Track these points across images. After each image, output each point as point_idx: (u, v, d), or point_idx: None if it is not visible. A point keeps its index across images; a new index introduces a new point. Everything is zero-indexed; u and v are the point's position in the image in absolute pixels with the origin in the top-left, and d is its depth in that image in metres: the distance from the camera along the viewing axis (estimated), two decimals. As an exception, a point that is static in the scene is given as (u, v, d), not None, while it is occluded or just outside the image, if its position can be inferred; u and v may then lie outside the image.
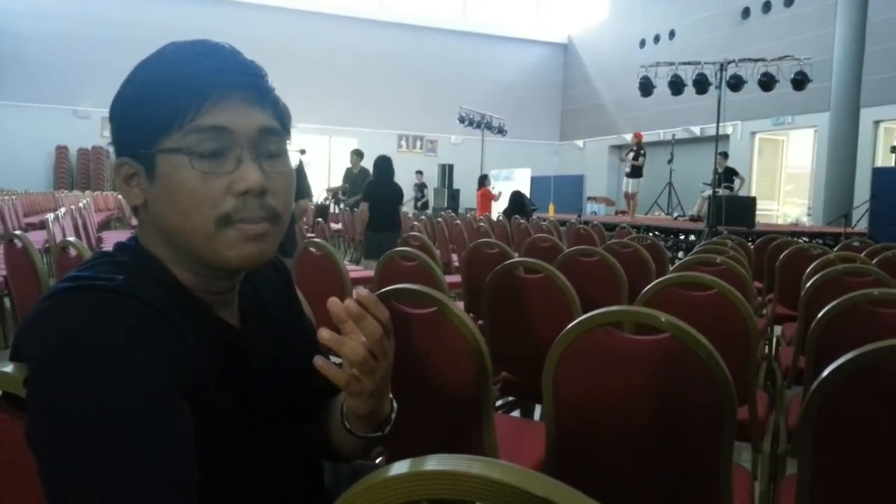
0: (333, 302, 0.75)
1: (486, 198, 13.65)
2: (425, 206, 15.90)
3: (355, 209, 9.73)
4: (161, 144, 0.74)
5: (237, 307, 0.87)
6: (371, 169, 9.87)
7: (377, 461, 1.58)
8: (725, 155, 12.06)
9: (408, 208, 14.70)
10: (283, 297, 0.98)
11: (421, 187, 16.40)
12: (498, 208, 13.86)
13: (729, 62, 10.35)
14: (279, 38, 18.02)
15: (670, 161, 14.21)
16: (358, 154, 9.81)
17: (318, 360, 0.77)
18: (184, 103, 0.73)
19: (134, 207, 0.80)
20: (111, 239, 4.91)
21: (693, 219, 12.60)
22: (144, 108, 0.75)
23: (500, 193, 14.15)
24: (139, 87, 0.77)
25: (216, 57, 0.77)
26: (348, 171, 10.09)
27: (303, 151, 12.92)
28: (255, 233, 0.77)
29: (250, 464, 0.82)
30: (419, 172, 16.82)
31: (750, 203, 10.85)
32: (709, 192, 12.46)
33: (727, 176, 11.76)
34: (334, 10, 20.25)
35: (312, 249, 2.77)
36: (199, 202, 0.74)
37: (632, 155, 12.35)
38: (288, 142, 0.83)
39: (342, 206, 10.77)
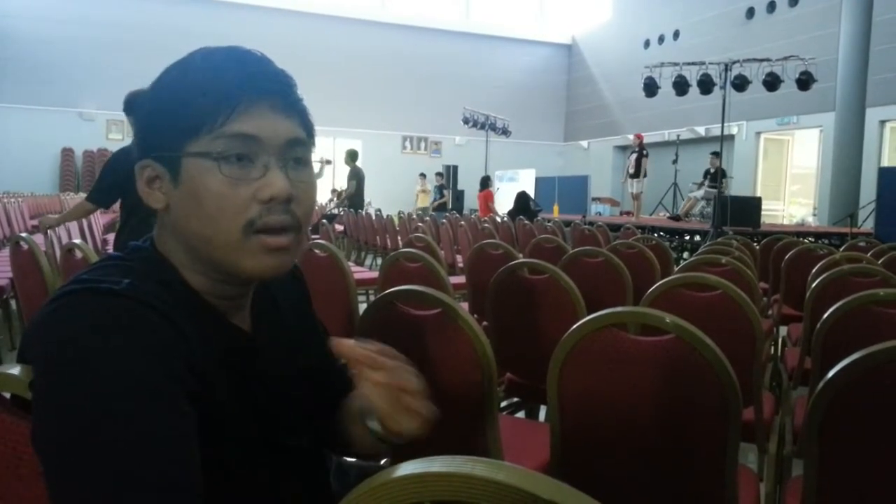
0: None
1: (488, 200, 13.64)
2: (443, 206, 15.73)
3: (353, 209, 9.79)
4: (188, 148, 0.74)
5: (250, 312, 0.87)
6: (361, 168, 9.95)
7: (382, 462, 1.58)
8: (718, 154, 12.08)
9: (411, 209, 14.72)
10: (298, 303, 0.98)
11: (440, 189, 16.33)
12: (501, 210, 13.84)
13: (733, 62, 10.34)
14: (282, 41, 18.03)
15: (675, 161, 14.19)
16: (351, 155, 9.84)
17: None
18: (214, 108, 0.73)
19: (155, 210, 0.80)
20: (117, 241, 4.94)
21: (675, 218, 12.61)
22: (173, 111, 0.75)
23: (497, 189, 14.17)
24: (168, 90, 0.77)
25: (248, 64, 0.77)
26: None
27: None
28: (278, 245, 0.77)
29: (256, 467, 0.82)
30: (439, 174, 16.79)
31: (755, 203, 10.83)
32: (697, 192, 12.52)
33: (718, 176, 11.75)
34: (337, 11, 20.29)
35: (317, 251, 2.78)
36: (224, 208, 0.74)
37: (634, 156, 12.34)
38: (313, 152, 0.83)
39: (341, 207, 10.79)
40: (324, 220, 6.77)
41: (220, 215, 0.74)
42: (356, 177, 9.80)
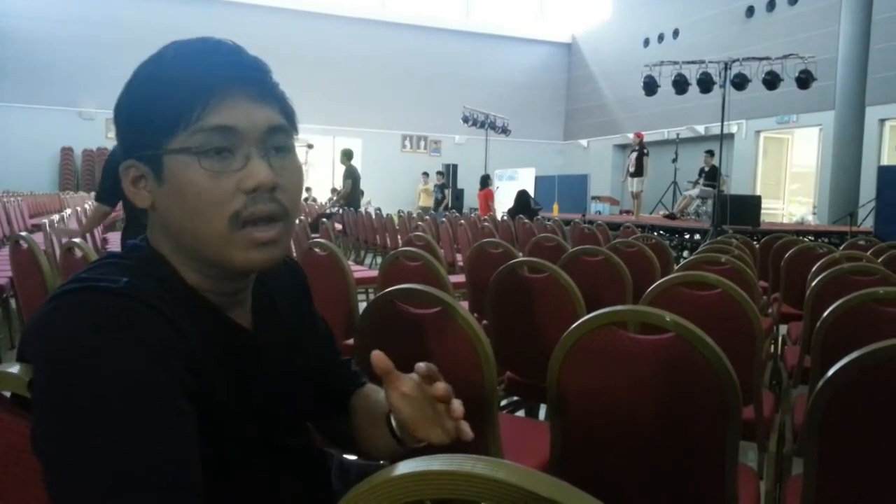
0: (378, 356, 0.83)
1: (488, 199, 13.64)
2: (445, 206, 15.67)
3: (352, 209, 9.82)
4: (168, 145, 0.74)
5: (249, 309, 0.86)
6: (356, 168, 9.99)
7: (381, 461, 1.58)
8: (711, 153, 12.14)
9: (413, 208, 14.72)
10: (297, 299, 0.98)
11: (441, 188, 16.27)
12: (500, 208, 13.84)
13: (733, 61, 10.34)
14: (282, 40, 18.05)
15: (675, 160, 14.20)
16: (346, 155, 9.90)
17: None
18: (189, 103, 0.73)
19: (143, 209, 0.80)
20: (116, 240, 4.93)
21: (670, 216, 12.68)
22: (149, 110, 0.74)
23: (497, 187, 14.14)
24: (143, 88, 0.76)
25: (219, 54, 0.76)
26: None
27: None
28: (267, 238, 0.76)
29: (256, 465, 0.82)
30: (440, 173, 16.74)
31: (755, 202, 10.84)
32: (692, 191, 12.60)
33: (714, 175, 11.79)
34: (337, 10, 20.28)
35: (317, 250, 2.77)
36: (208, 202, 0.74)
37: (634, 155, 12.35)
38: (295, 137, 0.83)
39: (338, 207, 10.81)
40: (324, 220, 6.77)
41: (204, 209, 0.74)
42: (351, 176, 9.87)
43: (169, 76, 0.74)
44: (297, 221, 0.82)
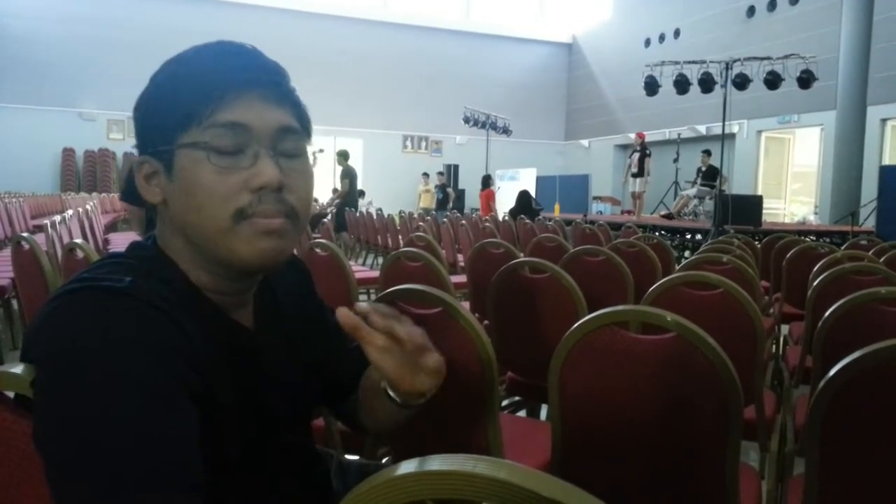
0: (343, 313, 0.79)
1: (489, 199, 13.65)
2: (444, 205, 15.59)
3: (352, 208, 9.86)
4: (180, 140, 0.75)
5: (252, 309, 0.87)
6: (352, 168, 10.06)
7: (383, 461, 1.59)
8: (709, 153, 12.15)
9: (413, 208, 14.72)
10: (300, 296, 0.98)
11: (443, 188, 16.23)
12: (502, 209, 13.84)
13: (734, 61, 10.34)
14: (283, 40, 18.03)
15: (676, 160, 14.20)
16: (342, 155, 10.02)
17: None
18: (203, 99, 0.74)
19: (153, 206, 0.80)
20: (118, 241, 4.93)
21: (668, 216, 12.71)
22: (165, 106, 0.76)
23: (498, 188, 14.14)
24: (161, 85, 0.77)
25: (237, 56, 0.78)
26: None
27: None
28: (272, 228, 0.76)
29: (256, 465, 0.82)
30: (440, 174, 16.71)
31: (756, 202, 10.84)
32: (690, 190, 12.63)
33: (711, 174, 11.79)
34: (338, 11, 20.29)
35: (318, 250, 2.78)
36: (214, 197, 0.74)
37: (636, 156, 12.35)
38: (308, 144, 0.83)
39: (334, 207, 10.84)
40: (324, 220, 6.79)
41: (210, 204, 0.74)
42: (349, 175, 9.98)
43: (186, 75, 0.76)
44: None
